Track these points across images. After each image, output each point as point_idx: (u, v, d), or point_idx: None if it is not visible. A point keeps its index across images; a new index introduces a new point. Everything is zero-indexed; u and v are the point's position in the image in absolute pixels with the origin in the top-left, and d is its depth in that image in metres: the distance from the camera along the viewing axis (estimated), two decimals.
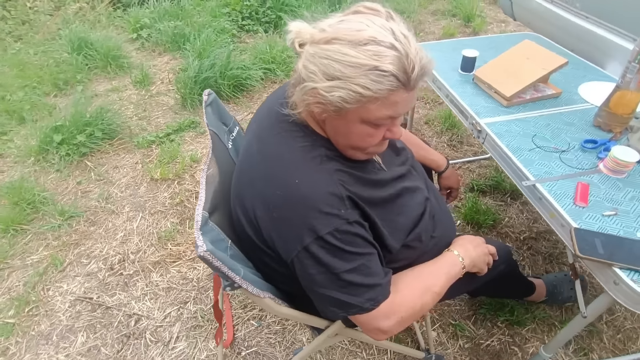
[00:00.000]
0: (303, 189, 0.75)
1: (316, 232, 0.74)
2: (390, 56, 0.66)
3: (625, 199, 1.03)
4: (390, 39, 0.67)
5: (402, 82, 0.68)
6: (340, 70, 0.67)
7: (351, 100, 0.69)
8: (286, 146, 0.81)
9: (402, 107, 0.72)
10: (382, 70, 0.66)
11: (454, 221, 1.14)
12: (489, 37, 1.92)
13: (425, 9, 4.07)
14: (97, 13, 4.10)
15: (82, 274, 1.79)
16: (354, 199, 0.78)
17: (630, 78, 1.12)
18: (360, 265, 0.78)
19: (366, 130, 0.75)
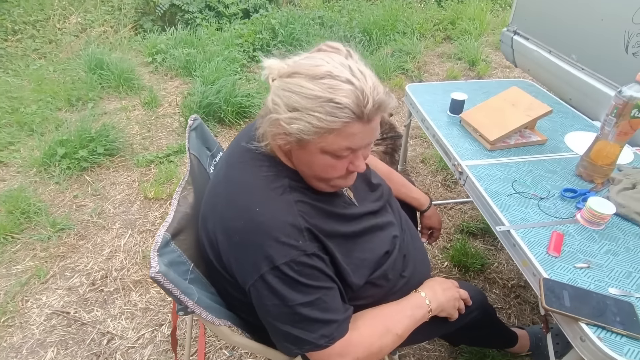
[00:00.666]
0: (262, 216, 0.76)
1: (272, 261, 0.74)
2: (345, 90, 0.69)
3: (599, 252, 1.01)
4: (347, 75, 0.70)
5: (356, 115, 0.70)
6: (298, 101, 0.70)
7: (308, 132, 0.71)
8: (251, 174, 0.83)
9: (360, 139, 0.74)
10: (337, 102, 0.68)
11: (429, 262, 1.12)
12: (480, 81, 1.97)
13: (432, 51, 4.19)
14: (119, 37, 4.31)
15: (63, 287, 1.79)
16: (313, 231, 0.78)
17: (608, 130, 1.12)
18: (316, 300, 0.77)
19: (328, 162, 0.76)
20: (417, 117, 1.71)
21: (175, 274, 0.78)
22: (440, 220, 1.36)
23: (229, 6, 4.27)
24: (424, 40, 4.29)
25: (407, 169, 2.48)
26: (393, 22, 4.22)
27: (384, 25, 4.13)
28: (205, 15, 4.22)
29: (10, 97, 3.07)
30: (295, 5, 4.97)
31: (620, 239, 1.04)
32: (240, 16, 4.37)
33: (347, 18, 4.31)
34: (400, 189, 1.28)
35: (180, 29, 4.05)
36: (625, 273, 0.95)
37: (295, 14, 4.15)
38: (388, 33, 4.11)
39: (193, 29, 4.06)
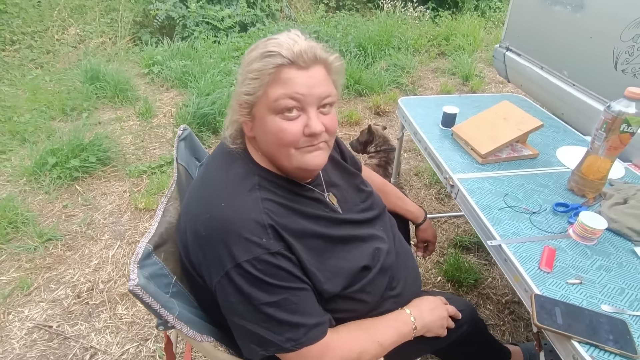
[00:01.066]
0: (227, 212, 0.76)
1: (235, 258, 0.72)
2: (276, 41, 0.76)
3: (592, 268, 0.99)
4: (283, 36, 0.77)
5: (287, 58, 0.74)
6: (243, 70, 0.79)
7: (251, 90, 0.76)
8: (222, 172, 0.84)
9: (299, 86, 0.75)
10: (268, 51, 0.74)
11: (420, 281, 1.10)
12: (473, 95, 1.98)
13: (426, 66, 4.24)
14: (117, 48, 4.34)
15: (47, 300, 1.75)
16: (277, 229, 0.76)
17: (598, 145, 1.12)
18: (282, 300, 0.74)
19: (277, 124, 0.77)
20: (410, 130, 1.71)
21: (155, 287, 0.76)
22: (435, 233, 1.35)
23: (224, 19, 4.30)
24: (418, 55, 4.35)
25: (401, 182, 2.47)
26: (388, 37, 4.28)
27: (379, 41, 4.18)
28: (203, 29, 4.26)
29: (3, 106, 3.06)
30: (292, 20, 5.03)
31: (613, 255, 1.03)
32: (237, 30, 4.41)
33: (343, 33, 4.37)
34: (395, 201, 1.27)
35: (177, 41, 4.08)
36: (618, 289, 0.93)
37: (292, 28, 4.20)
38: (383, 48, 4.17)
39: (190, 42, 4.09)
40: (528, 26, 2.55)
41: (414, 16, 4.99)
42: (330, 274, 0.81)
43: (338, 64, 0.82)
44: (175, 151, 1.10)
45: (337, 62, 0.81)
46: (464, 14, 5.40)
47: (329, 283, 0.81)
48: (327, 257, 0.82)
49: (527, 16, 2.54)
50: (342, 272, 0.84)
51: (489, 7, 5.79)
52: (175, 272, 0.88)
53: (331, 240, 0.85)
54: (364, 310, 0.89)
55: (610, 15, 1.86)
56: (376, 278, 0.90)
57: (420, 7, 5.18)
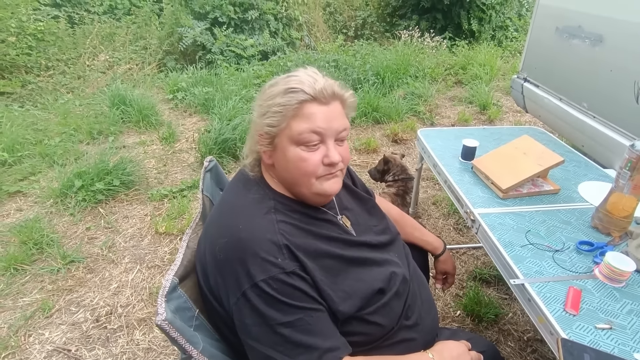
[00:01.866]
0: (244, 233, 0.79)
1: (252, 277, 0.75)
2: (297, 79, 0.82)
3: (622, 312, 0.96)
4: (302, 73, 0.84)
5: (310, 95, 0.80)
6: (266, 103, 0.84)
7: (275, 123, 0.81)
8: (240, 197, 0.89)
9: (321, 120, 0.81)
10: (291, 87, 0.81)
11: (437, 314, 1.08)
12: (492, 127, 1.98)
13: (443, 94, 4.27)
14: (143, 74, 4.54)
15: (67, 323, 1.77)
16: (292, 249, 0.79)
17: (623, 184, 1.11)
18: (297, 320, 0.75)
19: (299, 154, 0.82)
20: (429, 162, 1.72)
21: (181, 322, 0.77)
22: (455, 265, 1.33)
23: (247, 48, 4.47)
24: (435, 84, 4.40)
25: (419, 211, 2.46)
26: (405, 66, 4.36)
27: (396, 69, 4.26)
28: (226, 56, 4.42)
29: (35, 129, 3.20)
30: (311, 49, 5.19)
31: None
32: (258, 58, 4.57)
33: (361, 62, 4.47)
34: (413, 232, 1.27)
35: (200, 68, 4.24)
36: None
37: (311, 56, 4.33)
38: (400, 76, 4.24)
39: (213, 69, 4.24)
40: (546, 58, 2.57)
41: (431, 46, 5.08)
42: (345, 295, 0.82)
43: (352, 100, 0.90)
44: (202, 182, 1.13)
45: (351, 98, 0.90)
46: (481, 43, 5.47)
47: (344, 304, 0.81)
48: (342, 278, 0.84)
49: (545, 48, 2.56)
50: (357, 293, 0.84)
51: (505, 36, 5.86)
52: (197, 303, 0.89)
53: (346, 261, 0.86)
54: (378, 334, 0.88)
55: (630, 50, 1.87)
56: (391, 302, 0.89)
57: (437, 36, 5.27)
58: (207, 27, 4.51)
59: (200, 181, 1.14)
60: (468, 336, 1.06)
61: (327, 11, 6.15)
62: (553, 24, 2.44)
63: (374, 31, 6.13)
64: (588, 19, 2.16)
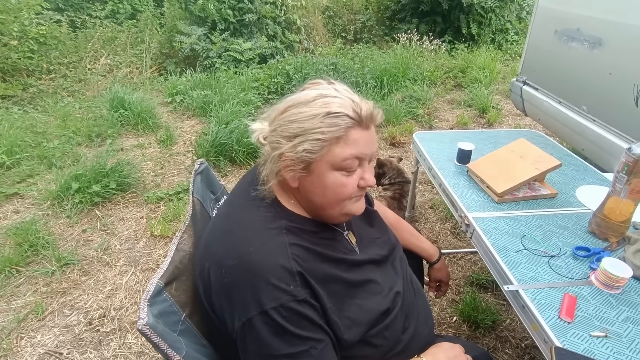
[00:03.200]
0: (255, 256, 0.75)
1: (262, 305, 0.72)
2: (338, 102, 0.76)
3: (617, 319, 0.94)
4: (334, 92, 0.78)
5: (355, 120, 0.75)
6: (299, 126, 0.75)
7: (315, 149, 0.75)
8: (249, 214, 0.83)
9: (364, 145, 0.78)
10: (334, 112, 0.74)
11: (432, 321, 1.06)
12: (488, 131, 1.97)
13: (442, 97, 4.26)
14: (143, 77, 4.55)
15: (59, 326, 1.76)
16: (305, 276, 0.76)
17: (620, 188, 1.09)
18: (302, 352, 0.72)
19: (339, 180, 0.78)
20: (424, 165, 1.71)
21: (164, 326, 0.75)
22: (449, 273, 1.31)
23: (245, 52, 4.47)
24: (434, 87, 4.39)
25: (416, 215, 2.44)
26: (404, 69, 4.35)
27: (395, 72, 4.25)
28: (224, 60, 4.42)
29: (35, 132, 3.21)
30: (310, 52, 5.19)
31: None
32: (257, 61, 4.57)
33: (360, 65, 4.46)
34: (409, 238, 1.25)
35: (199, 71, 4.24)
36: None
37: (309, 60, 4.33)
38: (399, 80, 4.23)
39: (212, 72, 4.25)
40: (545, 61, 2.56)
41: (430, 49, 5.08)
42: (350, 322, 0.80)
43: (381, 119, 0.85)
44: (192, 185, 1.12)
45: (381, 118, 0.85)
46: (480, 47, 5.46)
47: (349, 332, 0.79)
48: (347, 304, 0.81)
49: (544, 51, 2.55)
50: (362, 319, 0.82)
51: (505, 40, 5.84)
52: (186, 306, 0.87)
53: (351, 285, 0.84)
54: (379, 354, 0.86)
55: (629, 53, 1.85)
56: (394, 321, 0.88)
57: (436, 40, 5.27)
58: (205, 32, 4.51)
59: (191, 183, 1.12)
60: (462, 343, 1.04)
61: (327, 15, 6.15)
62: (552, 26, 2.43)
63: (373, 35, 6.13)
64: (587, 22, 2.15)
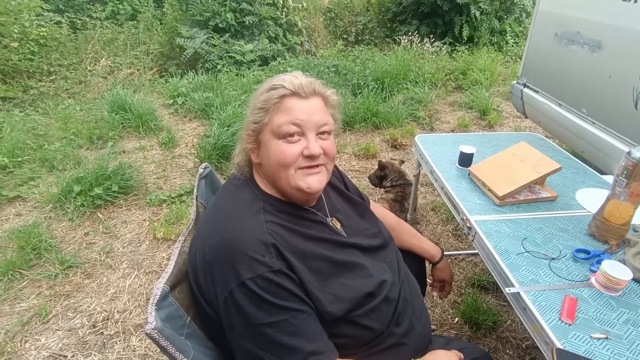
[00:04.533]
0: (234, 232, 0.81)
1: (239, 276, 0.76)
2: (280, 77, 0.89)
3: (618, 321, 0.95)
4: (286, 75, 0.90)
5: (290, 90, 0.85)
6: (251, 101, 0.91)
7: (258, 119, 0.87)
8: (230, 199, 0.91)
9: (300, 113, 0.85)
10: (273, 84, 0.87)
11: (429, 321, 1.07)
12: (489, 134, 1.98)
13: (443, 99, 4.28)
14: (144, 79, 4.55)
15: (63, 329, 1.77)
16: (280, 248, 0.80)
17: (619, 191, 1.10)
18: (282, 321, 0.76)
19: (279, 147, 0.86)
20: (426, 168, 1.72)
21: (171, 330, 0.77)
22: (452, 273, 1.32)
23: (246, 54, 4.48)
24: (435, 89, 4.40)
25: (418, 217, 2.45)
26: (405, 71, 4.37)
27: (396, 74, 4.27)
28: (226, 62, 4.44)
29: (36, 134, 3.22)
30: (311, 54, 5.20)
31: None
32: (258, 63, 4.58)
33: (361, 67, 4.48)
34: (410, 239, 1.27)
35: (201, 73, 4.26)
36: None
37: (311, 62, 4.34)
38: (400, 82, 4.24)
39: (214, 74, 4.26)
40: (545, 64, 2.57)
41: (430, 51, 5.09)
42: (333, 298, 0.82)
43: (334, 98, 0.94)
44: (196, 189, 1.13)
45: (333, 96, 0.94)
46: (481, 48, 5.48)
47: (332, 306, 0.82)
48: (331, 281, 0.84)
49: (544, 54, 2.56)
50: (346, 296, 0.84)
51: (505, 41, 5.86)
52: (190, 309, 0.89)
53: (335, 264, 0.87)
54: (367, 338, 0.88)
55: (629, 56, 1.86)
56: (381, 306, 0.89)
57: (437, 42, 5.28)
58: (209, 36, 4.53)
59: (195, 188, 1.14)
60: (462, 345, 1.06)
61: (328, 16, 6.17)
62: (552, 29, 2.45)
63: (374, 36, 6.15)
64: (587, 25, 2.16)
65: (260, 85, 0.92)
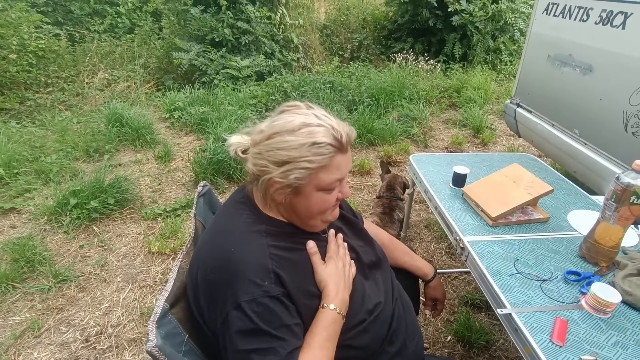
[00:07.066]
0: (236, 255, 0.82)
1: (237, 298, 0.77)
2: (321, 131, 0.82)
3: (607, 344, 0.97)
4: (316, 120, 0.84)
5: (337, 148, 0.83)
6: (287, 154, 0.81)
7: (304, 176, 0.82)
8: (232, 220, 0.91)
9: (344, 168, 0.87)
10: (319, 142, 0.81)
11: (422, 339, 1.09)
12: (483, 154, 2.02)
13: (437, 117, 4.34)
14: (141, 92, 4.58)
15: (56, 343, 1.75)
16: (280, 275, 0.81)
17: (609, 215, 1.14)
18: (269, 349, 0.76)
19: (322, 197, 0.87)
20: (420, 187, 1.75)
21: (171, 348, 0.78)
22: (445, 292, 1.33)
23: (242, 69, 4.54)
24: (429, 106, 4.47)
25: (411, 234, 2.48)
26: (400, 88, 4.44)
27: (391, 91, 4.34)
28: (222, 77, 4.49)
29: (32, 146, 3.22)
30: (307, 70, 5.28)
31: (629, 330, 1.01)
32: (254, 79, 4.64)
33: (356, 83, 4.54)
34: (403, 257, 1.28)
35: (198, 88, 4.30)
36: None
37: (307, 78, 4.40)
38: (395, 99, 4.31)
39: (210, 89, 4.30)
40: (538, 85, 2.63)
41: (425, 69, 5.19)
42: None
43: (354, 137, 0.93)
44: (194, 207, 1.15)
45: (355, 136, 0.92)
46: (475, 67, 5.59)
47: None
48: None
49: (538, 75, 2.62)
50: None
51: (499, 60, 5.99)
52: (186, 328, 0.89)
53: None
54: (359, 356, 0.90)
55: (619, 80, 1.92)
56: (374, 327, 0.91)
57: (431, 60, 5.39)
58: (204, 49, 4.58)
59: (194, 206, 1.15)
60: None
61: (324, 33, 6.28)
62: (545, 51, 2.52)
63: (369, 53, 6.25)
64: (578, 49, 2.23)
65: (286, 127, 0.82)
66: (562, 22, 2.36)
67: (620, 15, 1.90)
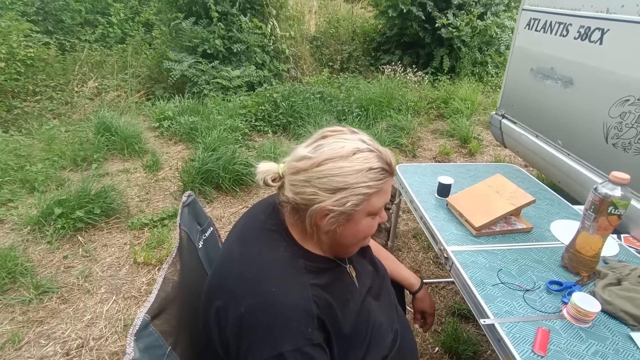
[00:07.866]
0: (278, 297, 0.77)
1: (279, 346, 0.73)
2: (373, 156, 0.81)
3: (587, 353, 0.98)
4: (366, 146, 0.82)
5: (388, 172, 0.83)
6: (343, 181, 0.78)
7: (360, 202, 0.80)
8: (268, 253, 0.85)
9: (390, 192, 0.87)
10: (375, 167, 0.80)
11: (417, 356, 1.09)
12: (467, 164, 2.05)
13: (425, 127, 4.40)
14: (130, 102, 4.56)
15: (35, 356, 1.71)
16: (323, 319, 0.79)
17: (588, 225, 1.16)
18: None
19: (369, 222, 0.86)
20: (406, 197, 1.76)
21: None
22: (433, 303, 1.29)
23: (233, 79, 4.55)
24: (417, 117, 4.53)
25: (399, 244, 2.48)
26: (389, 99, 4.49)
27: (380, 102, 4.38)
28: (213, 87, 4.50)
29: (18, 155, 3.17)
30: (297, 81, 5.32)
31: (609, 339, 1.02)
32: (245, 89, 4.66)
33: (346, 94, 4.59)
34: (390, 265, 1.25)
35: (188, 98, 4.30)
36: None
37: (297, 88, 4.43)
38: (384, 109, 4.35)
39: (200, 99, 4.31)
40: (522, 96, 2.69)
41: (413, 80, 5.26)
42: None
43: None
44: (179, 217, 1.14)
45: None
46: (462, 78, 5.69)
47: None
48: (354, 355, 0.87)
49: (521, 87, 2.68)
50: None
51: (486, 72, 6.11)
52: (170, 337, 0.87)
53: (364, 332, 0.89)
54: None
55: (598, 93, 1.97)
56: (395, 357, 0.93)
57: (419, 72, 5.47)
58: (196, 60, 4.60)
59: (178, 216, 1.14)
60: None
61: (314, 44, 6.35)
62: (528, 64, 2.58)
63: (359, 65, 6.33)
64: (560, 62, 2.28)
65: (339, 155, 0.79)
66: (544, 36, 2.43)
67: (598, 31, 1.96)
